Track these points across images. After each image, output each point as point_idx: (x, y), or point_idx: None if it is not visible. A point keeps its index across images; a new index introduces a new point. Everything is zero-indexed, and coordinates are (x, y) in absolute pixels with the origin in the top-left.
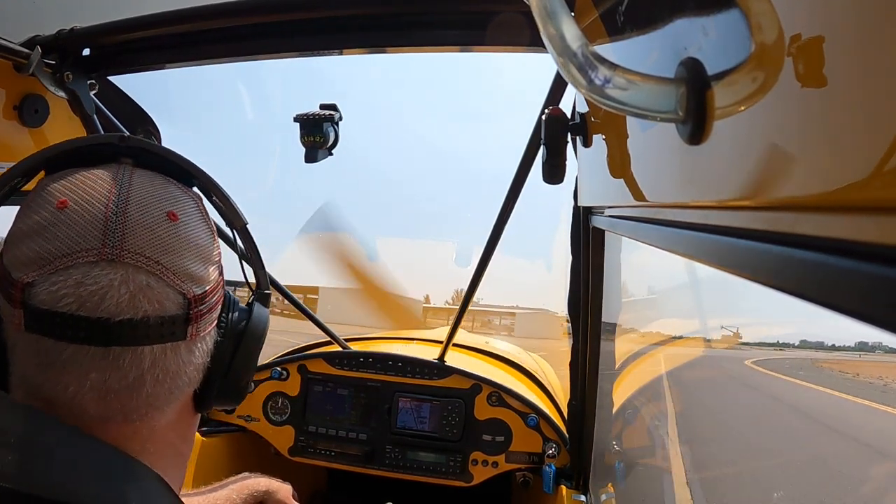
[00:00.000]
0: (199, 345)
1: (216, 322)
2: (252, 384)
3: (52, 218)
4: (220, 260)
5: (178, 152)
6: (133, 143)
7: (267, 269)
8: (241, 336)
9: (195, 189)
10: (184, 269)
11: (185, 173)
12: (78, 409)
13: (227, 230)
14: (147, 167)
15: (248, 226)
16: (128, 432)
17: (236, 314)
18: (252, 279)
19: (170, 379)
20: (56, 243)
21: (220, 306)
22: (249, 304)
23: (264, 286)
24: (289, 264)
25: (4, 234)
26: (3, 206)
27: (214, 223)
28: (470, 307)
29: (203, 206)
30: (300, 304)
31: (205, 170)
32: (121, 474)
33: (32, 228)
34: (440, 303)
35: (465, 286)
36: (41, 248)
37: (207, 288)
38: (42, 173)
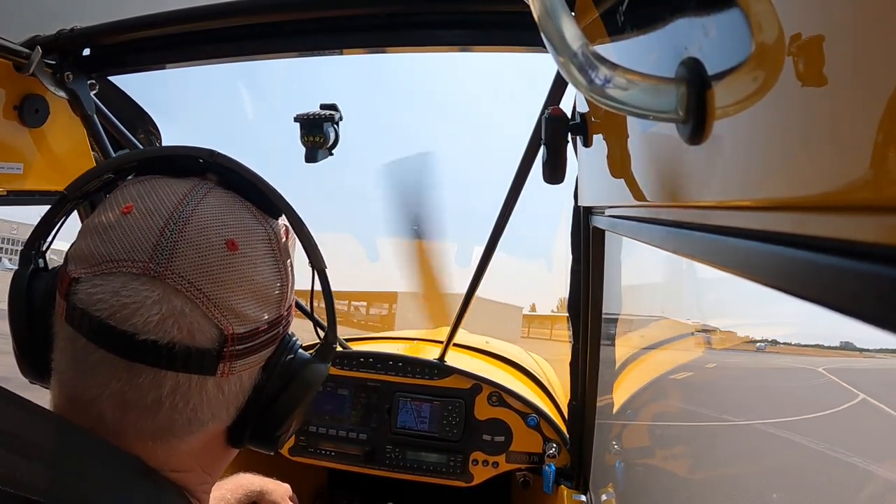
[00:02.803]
0: (231, 383)
1: (263, 363)
2: (289, 435)
3: (115, 221)
4: (282, 301)
5: (267, 180)
6: (221, 161)
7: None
8: (285, 386)
9: (280, 222)
10: (228, 303)
11: (268, 203)
12: (96, 414)
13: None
14: (230, 188)
15: (326, 271)
16: (142, 450)
17: (289, 362)
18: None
19: (190, 410)
20: (109, 247)
21: (270, 348)
22: (310, 355)
23: (332, 339)
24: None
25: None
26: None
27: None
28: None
29: (279, 241)
30: (299, 303)
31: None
32: (139, 482)
33: (97, 226)
34: (546, 311)
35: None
36: (96, 247)
37: (253, 328)
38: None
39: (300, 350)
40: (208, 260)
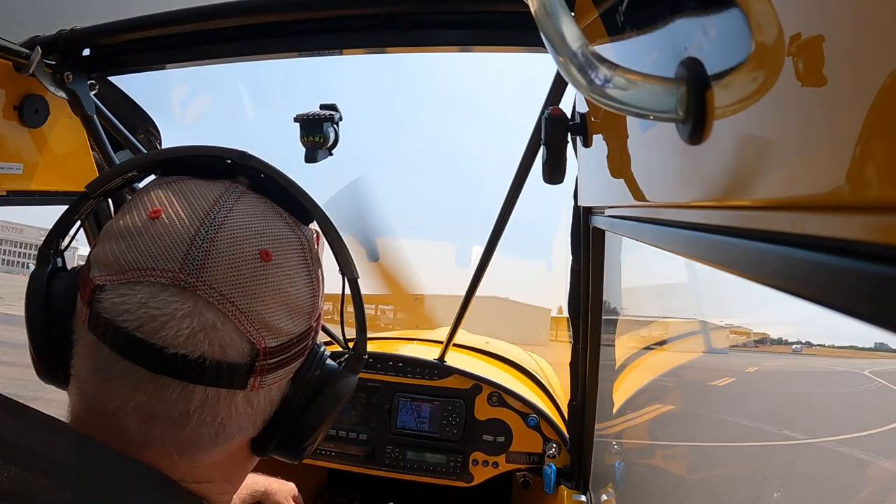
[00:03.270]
0: (260, 396)
1: (292, 375)
2: (316, 446)
3: (142, 226)
4: (313, 311)
5: (300, 185)
6: (253, 163)
7: None
8: (313, 398)
9: (311, 227)
10: (260, 317)
11: (301, 209)
12: (119, 425)
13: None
14: (262, 192)
15: (358, 280)
16: (166, 463)
17: (318, 373)
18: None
19: (218, 424)
20: (136, 254)
21: (300, 360)
22: (339, 365)
23: (361, 349)
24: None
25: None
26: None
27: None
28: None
29: (312, 249)
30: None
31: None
32: (164, 500)
33: (122, 230)
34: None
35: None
36: (121, 253)
37: (285, 341)
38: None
39: (328, 360)
40: (241, 271)
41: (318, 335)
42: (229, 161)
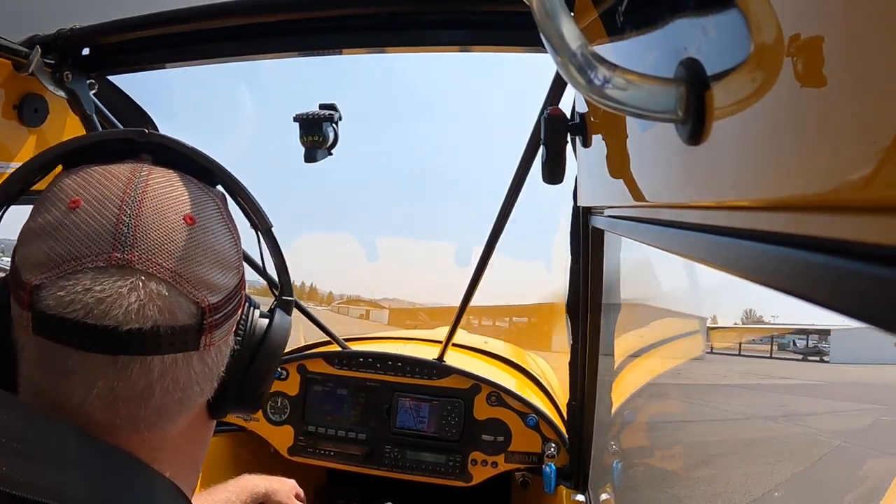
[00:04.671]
0: (212, 354)
1: (234, 329)
2: (268, 393)
3: (64, 218)
4: (240, 264)
5: (201, 150)
6: (154, 139)
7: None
8: (259, 344)
9: (219, 188)
10: (199, 277)
11: (206, 172)
12: (84, 416)
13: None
14: (167, 165)
15: (273, 229)
16: (136, 441)
17: (256, 321)
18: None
19: (180, 389)
20: (66, 245)
21: (238, 313)
22: (271, 311)
23: (288, 292)
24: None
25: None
26: (17, 204)
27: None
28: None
29: (225, 207)
30: (298, 303)
31: (229, 169)
32: (134, 481)
33: (44, 228)
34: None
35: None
36: (51, 249)
37: (224, 296)
38: (59, 169)
39: (261, 309)
40: (172, 238)
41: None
42: (131, 141)
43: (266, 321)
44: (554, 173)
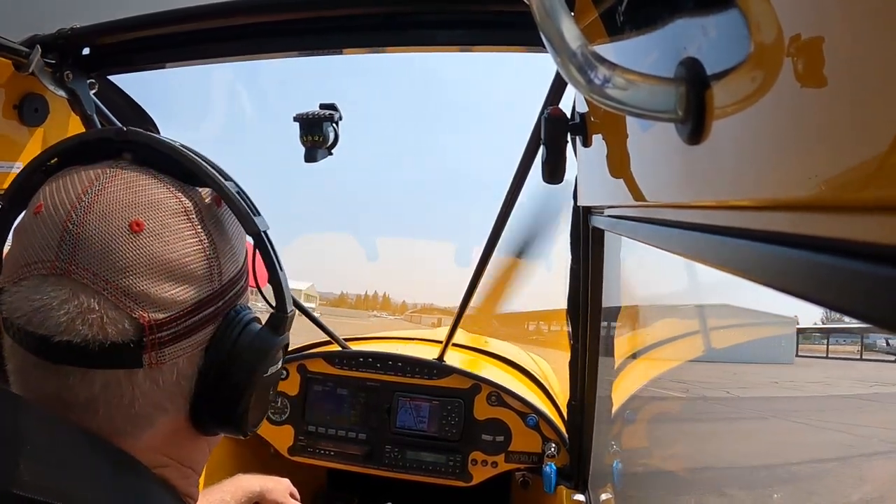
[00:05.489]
0: (166, 373)
1: (206, 345)
2: (257, 417)
3: (28, 223)
4: (214, 275)
5: (184, 145)
6: (130, 137)
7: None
8: (226, 365)
9: (208, 189)
10: (139, 290)
11: (189, 172)
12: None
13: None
14: (149, 164)
15: (267, 232)
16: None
17: (236, 338)
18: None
19: (127, 405)
20: (23, 251)
21: (210, 327)
22: (245, 327)
23: (281, 307)
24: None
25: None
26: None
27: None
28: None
29: (202, 210)
30: (298, 303)
31: (216, 166)
32: (122, 477)
33: (16, 231)
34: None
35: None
36: (12, 253)
37: (176, 311)
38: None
39: (253, 324)
40: (111, 247)
41: (242, 298)
42: (109, 140)
43: (247, 339)
44: (554, 173)
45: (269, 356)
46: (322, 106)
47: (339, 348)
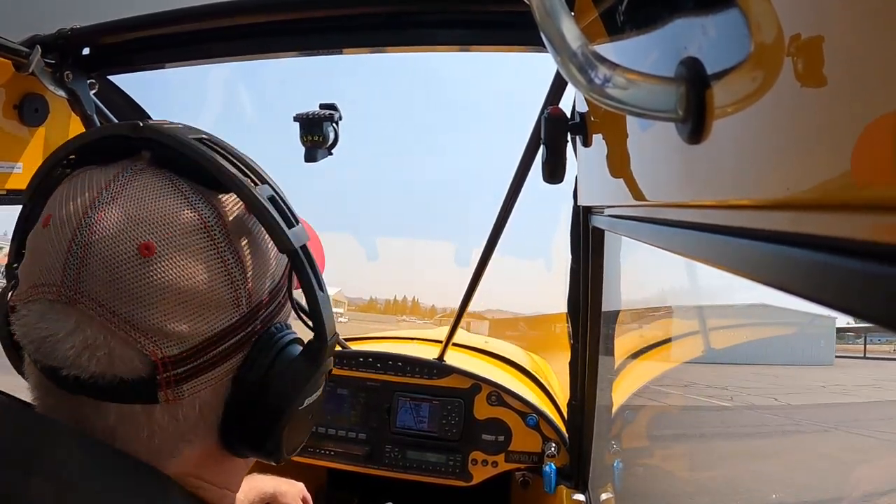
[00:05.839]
0: (185, 407)
1: (234, 373)
2: (294, 443)
3: (38, 235)
4: (239, 299)
5: (212, 137)
6: (148, 134)
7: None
8: (259, 395)
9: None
10: (149, 323)
11: (212, 176)
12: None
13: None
14: (166, 164)
15: (305, 246)
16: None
17: (267, 365)
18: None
19: (146, 438)
20: (32, 269)
21: (237, 356)
22: (298, 356)
23: (322, 336)
24: None
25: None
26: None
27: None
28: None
29: (224, 223)
30: (297, 303)
31: (250, 163)
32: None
33: (29, 241)
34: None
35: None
36: (23, 269)
37: (193, 344)
38: None
39: (291, 347)
40: (119, 274)
41: (280, 315)
42: (125, 137)
43: (283, 365)
44: (554, 173)
45: (307, 386)
46: (322, 106)
47: (339, 348)
